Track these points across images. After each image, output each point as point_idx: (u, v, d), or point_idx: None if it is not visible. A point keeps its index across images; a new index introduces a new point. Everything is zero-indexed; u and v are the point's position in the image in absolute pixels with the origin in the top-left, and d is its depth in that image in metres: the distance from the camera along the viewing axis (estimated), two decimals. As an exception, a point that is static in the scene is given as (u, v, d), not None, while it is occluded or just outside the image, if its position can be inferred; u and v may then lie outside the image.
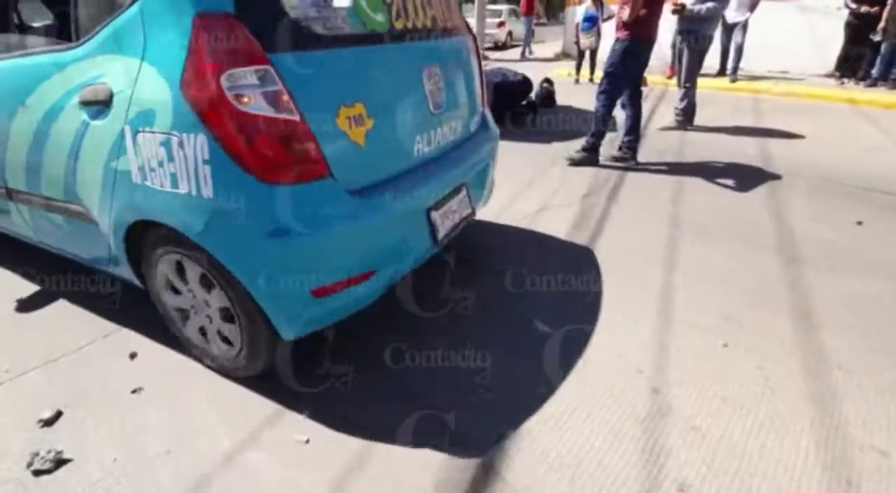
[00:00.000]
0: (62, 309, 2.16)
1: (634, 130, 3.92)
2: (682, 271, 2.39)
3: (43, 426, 1.53)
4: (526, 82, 5.39)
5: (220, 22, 1.19)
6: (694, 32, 4.65)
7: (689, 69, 4.83)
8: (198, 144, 1.24)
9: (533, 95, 5.80)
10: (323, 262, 1.40)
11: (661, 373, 1.72)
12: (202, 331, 1.71)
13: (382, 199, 1.50)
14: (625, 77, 3.78)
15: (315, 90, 1.34)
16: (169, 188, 1.33)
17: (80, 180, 1.57)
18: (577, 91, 7.47)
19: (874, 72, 6.74)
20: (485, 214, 3.00)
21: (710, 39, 4.74)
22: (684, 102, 5.01)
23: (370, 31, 1.51)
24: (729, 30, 7.30)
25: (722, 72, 7.75)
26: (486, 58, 11.64)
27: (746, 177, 3.66)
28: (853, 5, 6.68)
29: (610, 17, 8.02)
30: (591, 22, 7.96)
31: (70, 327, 2.02)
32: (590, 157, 4.00)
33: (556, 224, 2.91)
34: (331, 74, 1.40)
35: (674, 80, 8.15)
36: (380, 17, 1.53)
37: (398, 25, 1.60)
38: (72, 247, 1.94)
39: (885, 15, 6.34)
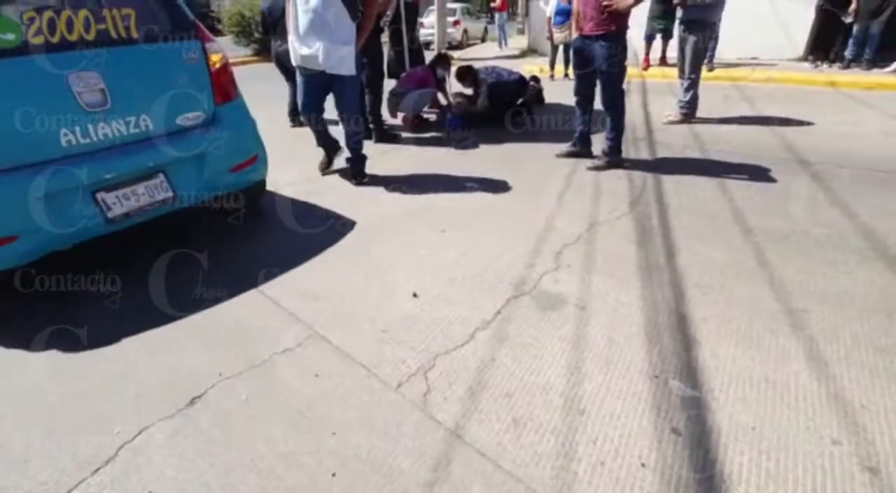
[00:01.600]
0: (133, 358, 1.55)
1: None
2: (798, 292, 2.04)
3: None
4: (522, 81, 5.01)
5: None
6: (699, 21, 4.43)
7: (694, 60, 4.59)
8: None
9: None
10: None
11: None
12: None
13: (11, 179, 1.85)
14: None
15: None
16: None
17: None
18: (557, 88, 7.18)
19: (847, 54, 6.84)
20: (538, 230, 2.60)
21: (715, 27, 4.54)
22: (689, 94, 4.78)
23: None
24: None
25: (697, 62, 7.67)
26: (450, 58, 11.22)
27: (787, 172, 3.42)
28: None
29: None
30: (565, 16, 7.68)
31: (143, 393, 1.43)
32: (616, 159, 3.67)
33: (620, 241, 2.53)
34: None
35: (649, 72, 8.12)
36: (9, 37, 1.82)
37: (36, 41, 1.88)
38: None
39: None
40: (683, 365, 1.66)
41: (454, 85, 5.42)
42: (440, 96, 5.42)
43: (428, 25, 16.01)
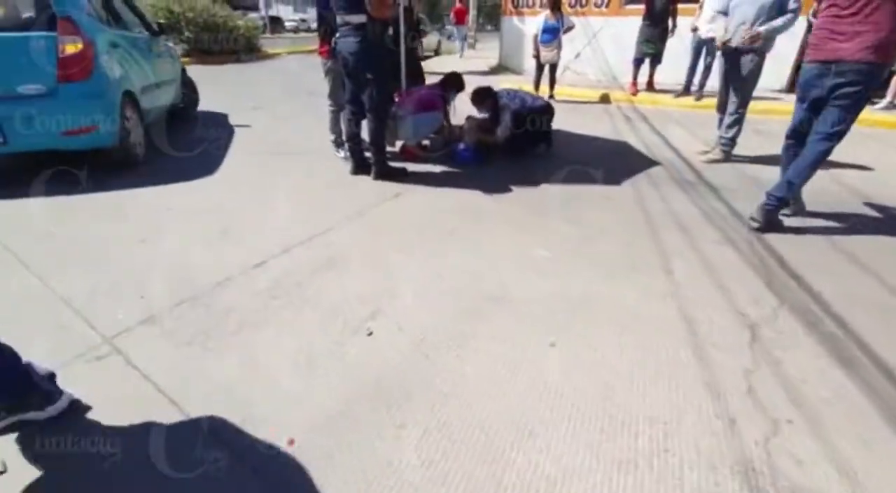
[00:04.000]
0: None
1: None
2: None
3: None
4: (548, 108, 4.22)
5: None
6: (756, 51, 3.90)
7: (747, 92, 4.06)
8: None
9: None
10: None
11: None
12: None
13: None
14: None
15: None
16: None
17: None
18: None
19: (835, 89, 6.75)
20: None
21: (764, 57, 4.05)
22: (734, 130, 4.25)
23: None
24: (700, 46, 6.91)
25: (687, 90, 7.36)
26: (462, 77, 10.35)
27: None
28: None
29: (570, 29, 7.23)
30: (552, 34, 7.10)
31: None
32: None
33: (815, 362, 1.75)
34: None
35: (638, 97, 7.70)
36: None
37: None
38: None
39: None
40: None
41: (459, 109, 4.53)
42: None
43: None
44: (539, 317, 2.01)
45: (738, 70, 4.00)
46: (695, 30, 6.90)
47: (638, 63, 7.55)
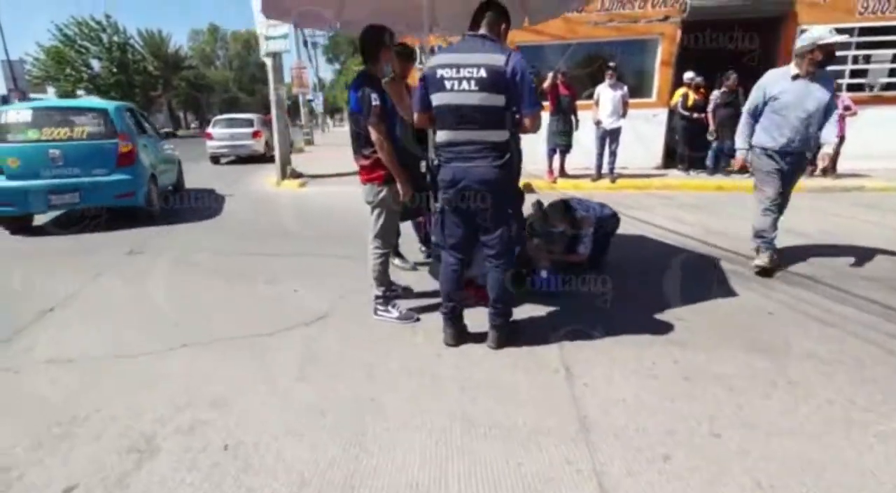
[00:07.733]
0: None
1: None
2: None
3: None
4: (616, 217, 3.69)
5: None
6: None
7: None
8: None
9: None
10: None
11: None
12: None
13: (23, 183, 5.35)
14: None
15: None
16: None
17: None
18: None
19: (708, 163, 8.04)
20: None
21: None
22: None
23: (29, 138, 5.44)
24: (604, 136, 7.53)
25: (599, 175, 7.90)
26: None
27: None
28: (686, 113, 7.91)
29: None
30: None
31: None
32: None
33: None
34: None
35: (559, 184, 7.91)
36: (31, 134, 5.42)
37: (40, 137, 5.43)
38: None
39: (712, 122, 7.68)
40: None
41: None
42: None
43: (217, 137, 13.43)
44: None
45: (799, 171, 3.75)
46: (598, 123, 7.54)
47: (552, 153, 7.87)
